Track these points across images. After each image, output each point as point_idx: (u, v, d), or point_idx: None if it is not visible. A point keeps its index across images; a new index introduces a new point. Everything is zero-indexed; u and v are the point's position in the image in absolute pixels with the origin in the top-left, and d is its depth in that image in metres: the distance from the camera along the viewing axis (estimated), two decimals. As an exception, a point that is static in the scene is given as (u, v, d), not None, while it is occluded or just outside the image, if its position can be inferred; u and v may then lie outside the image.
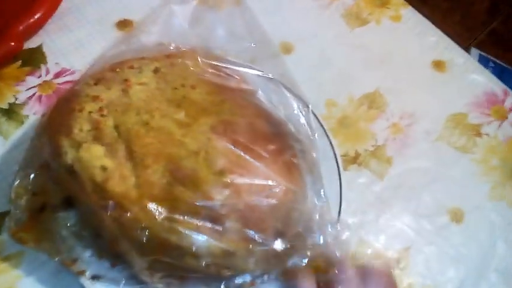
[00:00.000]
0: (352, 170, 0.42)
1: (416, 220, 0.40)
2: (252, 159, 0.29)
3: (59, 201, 0.32)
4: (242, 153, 0.29)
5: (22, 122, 0.41)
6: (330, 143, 0.39)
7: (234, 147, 0.29)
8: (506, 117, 0.46)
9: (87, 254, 0.31)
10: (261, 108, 0.33)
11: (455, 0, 1.26)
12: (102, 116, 0.29)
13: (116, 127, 0.29)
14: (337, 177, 0.38)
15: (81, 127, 0.29)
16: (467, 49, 0.93)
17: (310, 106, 0.38)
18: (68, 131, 0.29)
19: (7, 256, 0.36)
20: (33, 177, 0.33)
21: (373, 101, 0.46)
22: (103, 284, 0.32)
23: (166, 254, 0.29)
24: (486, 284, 0.38)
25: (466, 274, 0.39)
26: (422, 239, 0.40)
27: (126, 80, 0.30)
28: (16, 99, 0.42)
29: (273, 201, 0.29)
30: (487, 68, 0.84)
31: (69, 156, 0.28)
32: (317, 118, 0.39)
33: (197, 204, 0.27)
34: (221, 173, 0.28)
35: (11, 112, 0.41)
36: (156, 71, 0.32)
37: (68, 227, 0.31)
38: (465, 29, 1.24)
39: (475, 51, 0.91)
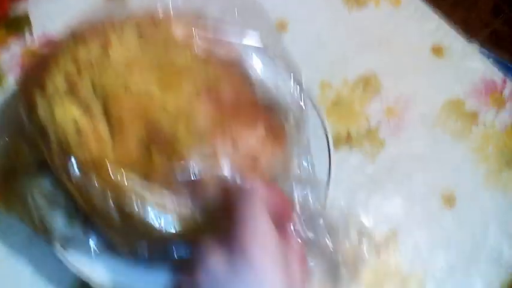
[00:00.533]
0: (344, 151, 0.41)
1: (407, 203, 0.39)
2: (234, 126, 0.27)
3: (32, 165, 0.30)
4: (226, 119, 0.27)
5: (3, 87, 0.39)
6: (321, 119, 0.37)
7: (217, 112, 0.27)
8: (504, 106, 0.45)
9: (58, 220, 0.30)
10: (248, 77, 0.32)
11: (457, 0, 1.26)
12: (79, 74, 0.28)
13: (94, 87, 0.27)
14: (327, 155, 0.37)
15: (57, 84, 0.27)
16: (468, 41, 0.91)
17: (302, 80, 0.37)
18: (43, 88, 0.27)
19: (-21, 222, 0.35)
20: (8, 140, 0.31)
21: (368, 84, 0.44)
22: (73, 252, 0.30)
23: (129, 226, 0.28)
24: (476, 271, 0.37)
25: (456, 260, 0.37)
26: (413, 222, 0.38)
27: (106, 39, 0.29)
28: (-1, 63, 0.40)
29: (255, 169, 0.28)
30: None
31: (43, 114, 0.27)
32: (307, 94, 0.38)
33: (175, 171, 0.26)
34: (202, 138, 0.26)
35: (-7, 76, 0.40)
36: (139, 31, 0.30)
37: (40, 192, 0.30)
38: (468, 26, 1.23)
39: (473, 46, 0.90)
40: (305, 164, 0.33)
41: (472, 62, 0.47)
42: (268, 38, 0.38)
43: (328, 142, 0.37)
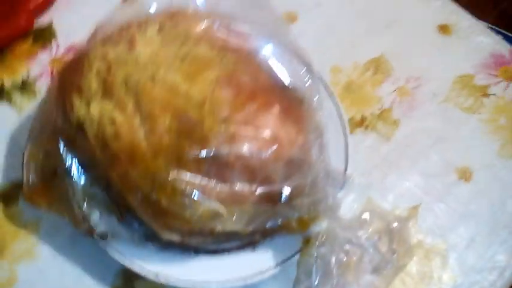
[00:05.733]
0: (359, 134, 0.42)
1: (424, 179, 0.40)
2: (256, 109, 0.29)
3: (70, 165, 0.33)
4: (246, 103, 0.29)
5: (35, 95, 0.42)
6: (336, 104, 0.39)
7: (237, 97, 0.29)
8: (514, 78, 0.45)
9: (97, 213, 0.32)
10: (264, 65, 0.34)
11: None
12: (109, 73, 0.30)
13: (124, 83, 0.30)
14: (343, 139, 0.39)
15: (90, 84, 0.30)
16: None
17: (315, 68, 0.39)
18: (78, 89, 0.30)
19: (25, 223, 0.38)
20: (45, 141, 0.34)
21: (378, 66, 0.46)
22: (117, 243, 0.33)
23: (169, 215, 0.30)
24: (497, 240, 0.38)
25: (476, 231, 0.39)
26: (431, 197, 0.40)
27: (131, 39, 0.31)
28: (29, 74, 0.43)
29: (278, 150, 0.29)
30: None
31: (81, 113, 0.30)
32: (321, 80, 0.40)
33: (202, 153, 0.28)
34: (226, 121, 0.29)
35: (24, 86, 0.43)
36: (160, 29, 0.32)
37: (79, 188, 0.32)
38: (475, 11, 1.23)
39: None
40: (321, 148, 0.35)
41: (479, 37, 0.48)
42: (277, 30, 0.40)
43: (343, 127, 0.38)
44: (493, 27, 0.91)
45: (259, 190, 0.31)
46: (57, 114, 0.32)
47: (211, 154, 0.29)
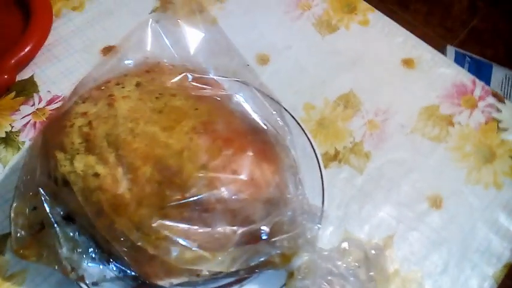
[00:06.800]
0: (333, 167, 0.44)
1: (397, 209, 0.42)
2: (232, 153, 0.31)
3: (56, 217, 0.34)
4: (223, 148, 0.31)
5: (19, 148, 0.44)
6: (309, 140, 0.41)
7: (213, 143, 0.31)
8: (476, 106, 0.48)
9: (85, 261, 0.33)
10: (237, 110, 0.36)
11: (434, 2, 1.31)
12: (91, 129, 0.32)
13: (105, 137, 0.31)
14: (319, 174, 0.40)
15: (73, 141, 0.32)
16: (443, 47, 0.95)
17: (287, 107, 0.41)
18: (62, 146, 0.32)
19: (11, 274, 0.38)
20: (31, 196, 0.35)
21: (348, 101, 0.48)
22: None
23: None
24: (469, 265, 0.40)
25: (449, 257, 0.40)
26: (405, 226, 0.41)
27: (110, 95, 0.33)
28: (12, 127, 0.45)
29: (256, 191, 0.31)
30: (464, 64, 0.87)
31: (65, 168, 0.31)
32: (294, 119, 0.42)
33: (184, 200, 0.30)
34: (204, 167, 0.30)
35: (8, 140, 0.44)
36: (137, 84, 0.35)
37: (66, 239, 0.34)
38: (446, 30, 1.28)
39: (450, 49, 0.94)
40: (296, 184, 0.37)
41: (441, 68, 0.51)
42: (248, 75, 0.42)
43: (317, 160, 0.40)
44: (460, 50, 0.96)
45: (240, 231, 0.32)
46: (42, 170, 0.33)
47: (192, 200, 0.30)
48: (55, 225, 0.34)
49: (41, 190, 0.34)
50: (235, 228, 0.32)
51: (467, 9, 1.29)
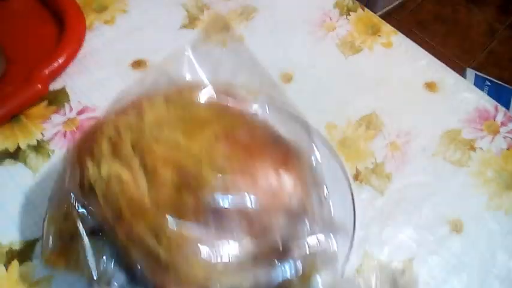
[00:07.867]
0: (354, 187, 0.44)
1: (417, 232, 0.42)
2: (253, 160, 0.32)
3: (85, 226, 0.35)
4: (243, 155, 0.32)
5: (49, 156, 0.45)
6: (337, 157, 0.42)
7: (235, 152, 0.32)
8: (499, 132, 0.48)
9: (110, 271, 0.34)
10: (260, 121, 0.37)
11: (452, 24, 1.32)
12: (119, 136, 0.33)
13: (132, 145, 0.33)
14: (348, 193, 0.41)
15: (101, 147, 0.33)
16: (463, 70, 0.96)
17: (310, 123, 0.41)
18: (91, 153, 0.33)
19: (37, 280, 0.39)
20: (63, 205, 0.36)
21: (370, 122, 0.49)
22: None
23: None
24: (489, 291, 0.40)
25: (468, 282, 0.40)
26: (425, 249, 0.42)
27: (140, 107, 0.35)
28: (43, 135, 0.46)
29: (276, 201, 0.32)
30: (484, 87, 0.87)
31: (92, 174, 0.32)
32: (321, 137, 0.43)
33: (202, 204, 0.30)
34: (224, 172, 0.31)
35: (39, 148, 0.45)
36: (166, 99, 0.36)
37: (94, 248, 0.34)
38: (464, 51, 1.28)
39: (470, 72, 0.95)
40: (321, 201, 0.37)
41: (464, 93, 0.51)
42: (273, 93, 0.43)
43: (348, 180, 0.41)
44: (480, 74, 0.96)
45: (257, 241, 0.33)
46: (73, 179, 0.35)
47: (209, 204, 0.31)
48: (83, 234, 0.35)
49: (71, 198, 0.35)
50: (251, 238, 0.33)
51: (486, 32, 1.30)
